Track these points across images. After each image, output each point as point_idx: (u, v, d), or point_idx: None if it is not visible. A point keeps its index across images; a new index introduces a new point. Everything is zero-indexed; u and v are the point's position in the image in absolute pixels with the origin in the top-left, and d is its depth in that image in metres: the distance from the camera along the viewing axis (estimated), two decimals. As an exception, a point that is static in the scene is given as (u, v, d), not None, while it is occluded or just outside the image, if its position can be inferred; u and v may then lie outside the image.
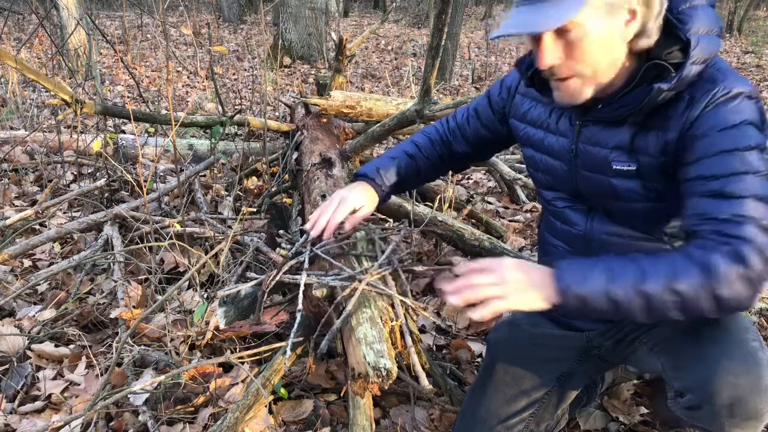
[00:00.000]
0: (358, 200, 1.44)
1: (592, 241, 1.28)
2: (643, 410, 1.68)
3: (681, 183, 1.07)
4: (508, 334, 1.49)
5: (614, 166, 1.16)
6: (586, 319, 1.38)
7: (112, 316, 1.92)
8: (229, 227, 2.32)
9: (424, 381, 1.19)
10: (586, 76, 1.09)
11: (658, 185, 1.13)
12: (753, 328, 1.13)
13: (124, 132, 3.88)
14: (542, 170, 1.35)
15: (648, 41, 1.06)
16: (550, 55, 1.07)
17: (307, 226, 1.44)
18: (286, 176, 2.75)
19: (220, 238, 2.18)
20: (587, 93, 1.11)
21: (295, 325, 1.33)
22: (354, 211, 1.44)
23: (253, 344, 1.81)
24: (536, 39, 1.08)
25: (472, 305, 1.05)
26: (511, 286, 1.03)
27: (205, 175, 3.08)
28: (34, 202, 2.86)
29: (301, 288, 1.38)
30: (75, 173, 3.24)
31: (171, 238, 1.92)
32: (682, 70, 1.03)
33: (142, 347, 1.77)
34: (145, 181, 1.94)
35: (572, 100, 1.13)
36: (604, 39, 1.04)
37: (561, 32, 1.04)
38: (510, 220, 2.92)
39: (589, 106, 1.17)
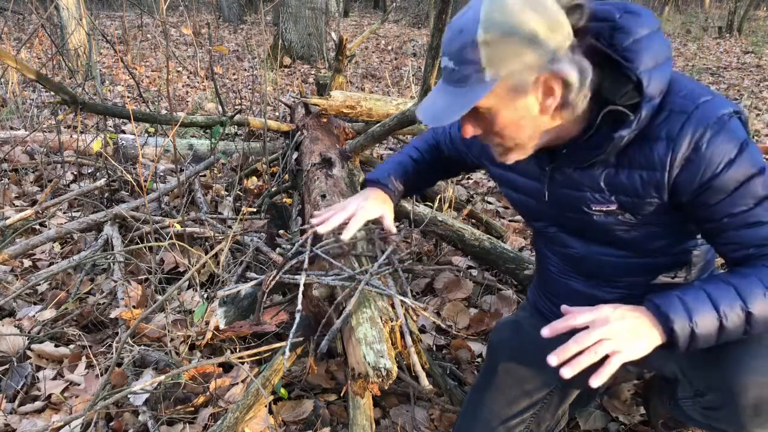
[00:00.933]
0: (375, 210, 1.41)
1: (589, 261, 1.27)
2: (643, 410, 1.68)
3: (705, 221, 1.06)
4: (510, 335, 1.49)
5: (593, 207, 1.14)
6: None
7: (112, 316, 1.93)
8: (229, 227, 2.32)
9: (424, 381, 1.19)
10: (510, 146, 1.09)
11: (646, 216, 1.11)
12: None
13: (124, 132, 3.88)
14: (522, 208, 1.33)
15: (573, 113, 1.02)
16: (469, 131, 1.08)
17: (314, 221, 1.42)
18: (286, 176, 2.75)
19: (220, 238, 2.18)
20: (518, 156, 1.10)
21: (295, 325, 1.33)
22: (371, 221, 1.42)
23: (253, 344, 1.81)
24: None
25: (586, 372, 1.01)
26: (622, 336, 0.98)
27: (205, 175, 3.08)
28: (34, 202, 2.86)
29: (301, 288, 1.38)
30: (75, 173, 3.24)
31: (171, 238, 1.92)
32: (641, 112, 0.99)
33: (142, 347, 1.77)
34: (145, 181, 1.94)
35: (504, 161, 1.13)
36: (516, 118, 1.02)
37: (474, 112, 1.02)
38: (510, 220, 2.92)
39: (555, 152, 1.14)
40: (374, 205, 1.42)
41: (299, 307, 1.33)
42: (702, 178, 1.01)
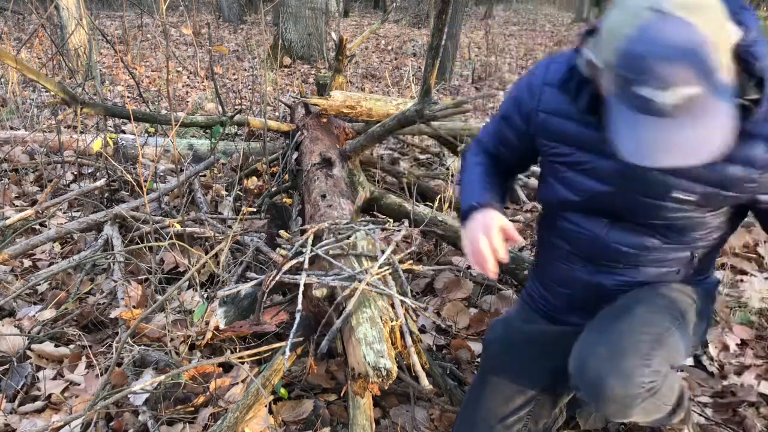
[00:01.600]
0: (499, 220, 1.27)
1: (612, 250, 1.25)
2: (643, 410, 1.68)
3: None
4: (502, 332, 1.49)
5: (673, 194, 1.13)
6: (577, 314, 1.38)
7: (112, 316, 1.93)
8: (229, 227, 2.32)
9: (424, 381, 1.19)
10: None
11: (715, 208, 1.13)
12: (664, 324, 1.16)
13: (124, 132, 3.88)
14: (576, 190, 1.25)
15: None
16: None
17: (478, 269, 1.26)
18: (286, 176, 2.75)
19: (221, 238, 2.18)
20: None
21: (295, 325, 1.33)
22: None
23: (253, 344, 1.81)
24: None
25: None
26: None
27: (205, 175, 3.08)
28: (34, 202, 2.86)
29: (301, 288, 1.38)
30: (75, 173, 3.24)
31: (171, 238, 1.92)
32: (761, 106, 0.99)
33: (142, 347, 1.77)
34: (145, 181, 1.94)
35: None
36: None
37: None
38: (510, 220, 2.92)
39: None
40: (496, 221, 1.26)
41: (299, 307, 1.33)
42: None
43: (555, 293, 1.41)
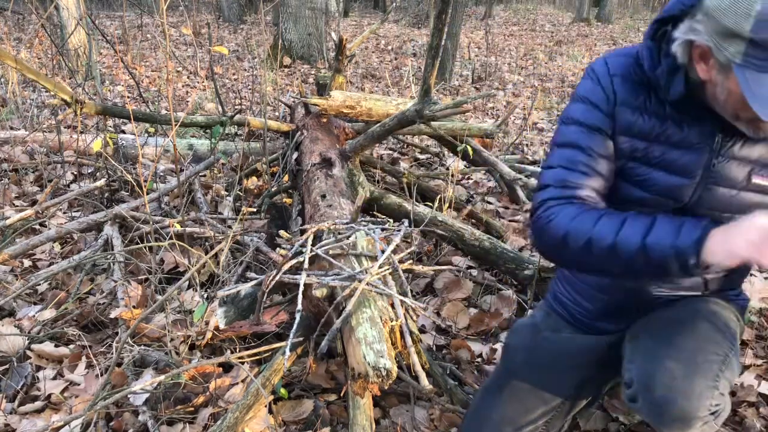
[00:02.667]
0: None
1: None
2: (643, 410, 1.68)
3: None
4: (528, 340, 1.45)
5: (754, 180, 1.12)
6: (610, 321, 1.37)
7: (112, 316, 1.92)
8: (229, 227, 2.32)
9: (424, 381, 1.19)
10: None
11: None
12: (726, 344, 1.12)
13: (124, 132, 3.88)
14: (647, 186, 1.20)
15: None
16: None
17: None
18: (286, 176, 2.75)
19: (221, 238, 2.18)
20: None
21: (295, 325, 1.33)
22: None
23: (253, 344, 1.81)
24: None
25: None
26: None
27: (205, 175, 3.08)
28: (34, 202, 2.86)
29: (301, 288, 1.38)
30: (75, 173, 3.24)
31: (171, 238, 1.92)
32: None
33: (142, 347, 1.77)
34: (145, 181, 1.94)
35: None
36: None
37: None
38: (510, 220, 2.92)
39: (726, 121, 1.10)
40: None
41: (299, 306, 1.33)
42: None
43: (592, 299, 1.38)
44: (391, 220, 1.81)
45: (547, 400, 1.36)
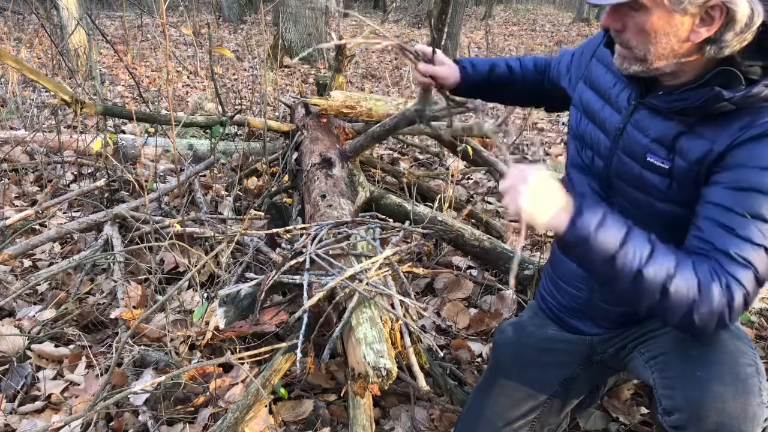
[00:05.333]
0: (443, 62, 1.47)
1: None
2: (644, 410, 1.68)
3: (701, 197, 1.05)
4: (514, 337, 1.49)
5: (648, 158, 1.13)
6: (590, 321, 1.38)
7: (112, 316, 1.92)
8: (229, 228, 2.32)
9: (422, 382, 1.19)
10: (637, 54, 1.07)
11: (685, 191, 1.10)
12: (749, 350, 1.10)
13: (124, 132, 3.88)
14: (586, 143, 1.30)
15: (719, 51, 1.00)
16: (611, 20, 1.07)
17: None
18: (286, 176, 2.75)
19: (221, 238, 2.18)
20: (636, 69, 1.09)
21: (303, 327, 1.32)
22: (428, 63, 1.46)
23: (253, 344, 1.81)
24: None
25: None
26: (533, 189, 1.02)
27: (205, 175, 3.08)
28: (34, 202, 2.86)
29: (305, 287, 1.38)
30: (75, 173, 3.24)
31: (171, 238, 1.92)
32: (753, 87, 0.98)
33: (142, 347, 1.77)
34: (145, 181, 1.94)
35: (620, 67, 1.12)
36: (662, 30, 1.01)
37: (628, 5, 1.01)
38: (510, 220, 2.92)
39: (650, 90, 1.14)
40: (441, 57, 1.47)
41: (305, 307, 1.32)
42: (735, 154, 1.00)
43: (563, 292, 1.40)
44: (391, 220, 1.81)
45: (534, 396, 1.38)
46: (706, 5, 0.96)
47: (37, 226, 2.59)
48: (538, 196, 1.02)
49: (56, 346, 1.84)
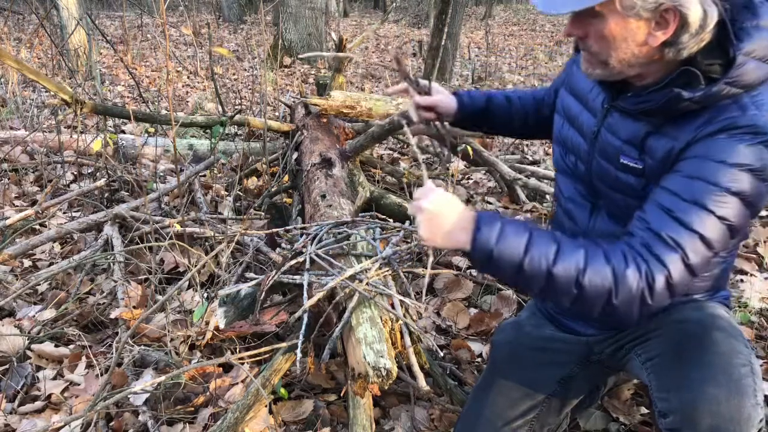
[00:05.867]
0: (440, 92, 1.47)
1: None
2: (644, 410, 1.68)
3: (656, 183, 1.08)
4: (512, 336, 1.49)
5: (621, 160, 1.15)
6: (585, 322, 1.38)
7: (112, 316, 1.92)
8: (229, 228, 2.32)
9: (422, 382, 1.19)
10: (600, 59, 1.09)
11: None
12: (744, 349, 1.10)
13: (124, 132, 3.88)
14: (568, 148, 1.32)
15: (678, 53, 1.02)
16: (573, 28, 1.09)
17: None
18: (286, 176, 2.75)
19: (221, 238, 2.18)
20: (602, 74, 1.11)
21: (303, 327, 1.32)
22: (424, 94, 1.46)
23: (253, 344, 1.81)
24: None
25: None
26: (436, 219, 1.06)
27: (205, 175, 3.08)
28: (34, 202, 2.86)
29: (305, 287, 1.38)
30: (75, 173, 3.24)
31: (171, 238, 1.92)
32: (712, 86, 0.99)
33: (142, 347, 1.77)
34: (145, 181, 1.94)
35: (586, 72, 1.14)
36: (620, 36, 1.03)
37: (586, 14, 1.04)
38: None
39: (622, 92, 1.16)
40: (437, 88, 1.49)
41: (305, 307, 1.32)
42: (693, 147, 1.02)
43: None
44: (391, 220, 1.81)
45: (532, 395, 1.38)
46: (659, 10, 0.98)
47: (37, 226, 2.59)
48: (434, 221, 1.06)
49: (56, 346, 1.84)
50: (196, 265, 1.56)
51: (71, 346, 1.86)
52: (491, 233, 1.03)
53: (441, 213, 1.06)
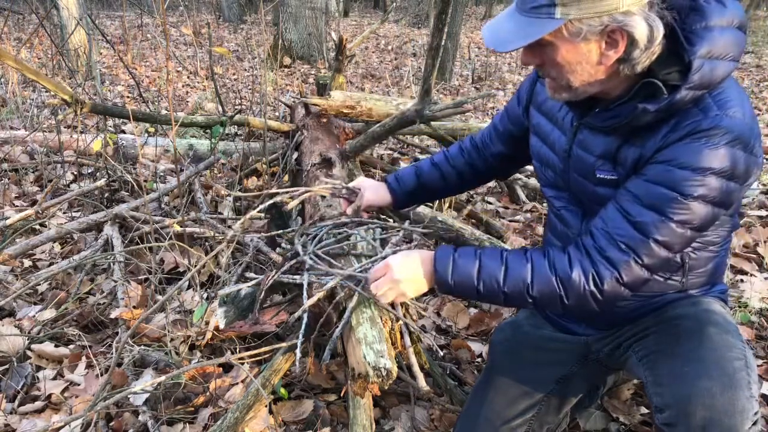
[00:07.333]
0: (369, 190, 1.56)
1: None
2: (644, 410, 1.68)
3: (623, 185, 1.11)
4: (510, 336, 1.50)
5: (598, 175, 1.17)
6: (583, 323, 1.38)
7: (112, 316, 1.92)
8: (229, 227, 2.32)
9: (422, 382, 1.19)
10: (561, 84, 1.10)
11: None
12: (738, 343, 1.10)
13: (124, 132, 3.88)
14: (544, 164, 1.35)
15: (632, 68, 1.03)
16: (528, 57, 1.10)
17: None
18: (286, 176, 2.75)
19: (221, 238, 2.18)
20: (567, 96, 1.12)
21: (303, 327, 1.32)
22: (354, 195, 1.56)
23: (253, 344, 1.81)
24: None
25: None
26: (403, 285, 1.19)
27: (205, 175, 3.08)
28: (34, 202, 2.86)
29: (305, 287, 1.38)
30: (75, 173, 3.24)
31: (171, 238, 1.92)
32: (675, 94, 1.00)
33: (142, 347, 1.77)
34: (145, 181, 1.94)
35: (553, 97, 1.15)
36: (574, 60, 1.04)
37: (536, 44, 1.04)
38: (510, 220, 2.92)
39: (590, 108, 1.16)
40: (370, 185, 1.58)
41: (305, 307, 1.32)
42: (659, 154, 1.04)
43: None
44: (391, 220, 1.81)
45: (531, 394, 1.39)
46: (605, 32, 1.00)
47: (37, 226, 2.58)
48: (403, 286, 1.20)
49: (56, 346, 1.84)
50: (196, 265, 1.55)
51: (71, 346, 1.86)
52: (446, 269, 1.16)
53: (407, 277, 1.19)
